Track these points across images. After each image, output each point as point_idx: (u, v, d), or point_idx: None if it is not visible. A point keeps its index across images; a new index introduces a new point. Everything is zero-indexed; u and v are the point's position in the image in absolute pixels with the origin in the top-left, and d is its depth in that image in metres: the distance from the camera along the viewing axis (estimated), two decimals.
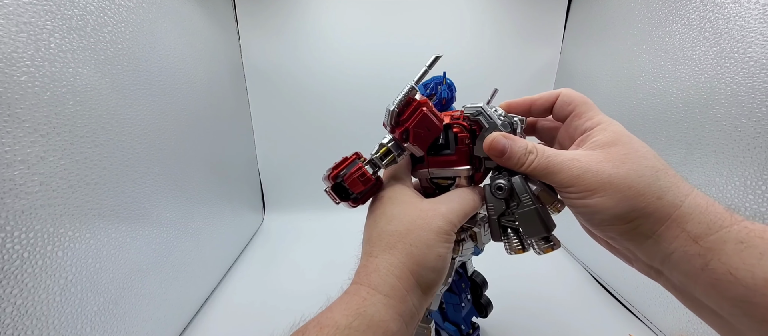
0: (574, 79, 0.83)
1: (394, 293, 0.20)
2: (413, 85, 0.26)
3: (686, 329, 0.47)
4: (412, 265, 0.21)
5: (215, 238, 0.66)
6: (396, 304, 0.20)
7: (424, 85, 0.36)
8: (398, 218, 0.24)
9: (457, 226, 0.24)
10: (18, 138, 0.29)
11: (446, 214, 0.23)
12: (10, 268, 0.27)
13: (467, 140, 0.28)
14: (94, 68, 0.38)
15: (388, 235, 0.23)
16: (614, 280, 0.63)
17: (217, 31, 0.75)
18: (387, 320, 0.19)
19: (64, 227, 0.33)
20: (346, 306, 0.19)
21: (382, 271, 0.21)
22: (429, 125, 0.26)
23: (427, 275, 0.22)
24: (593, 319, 0.56)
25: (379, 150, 0.28)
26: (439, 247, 0.22)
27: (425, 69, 0.27)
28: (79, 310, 0.34)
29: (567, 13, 0.87)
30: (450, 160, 0.28)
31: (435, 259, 0.22)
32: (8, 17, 0.29)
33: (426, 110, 0.26)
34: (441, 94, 0.35)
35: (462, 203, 0.25)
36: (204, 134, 0.64)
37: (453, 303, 0.45)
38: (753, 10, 0.40)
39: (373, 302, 0.19)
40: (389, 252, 0.22)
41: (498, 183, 0.25)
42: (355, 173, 0.27)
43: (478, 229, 0.31)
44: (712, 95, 0.44)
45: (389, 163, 0.28)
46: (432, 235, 0.22)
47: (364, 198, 0.28)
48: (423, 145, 0.27)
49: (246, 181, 0.90)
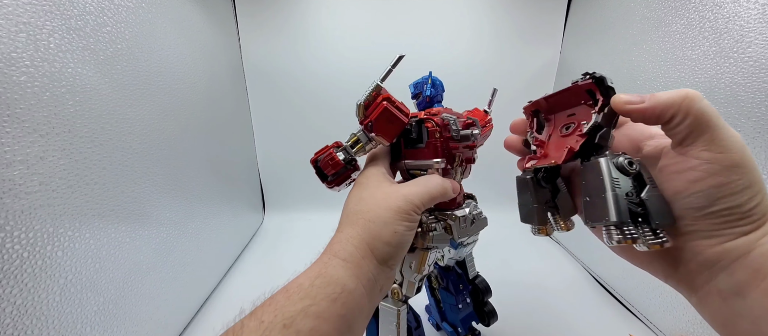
0: (573, 79, 0.83)
1: (351, 258, 0.23)
2: (378, 82, 0.30)
3: (686, 329, 0.47)
4: (368, 238, 0.24)
5: (215, 238, 0.66)
6: (352, 268, 0.23)
7: (414, 84, 0.39)
8: (365, 200, 0.27)
9: (419, 207, 0.26)
10: (17, 138, 0.29)
11: (407, 195, 0.26)
12: (9, 268, 0.27)
13: (438, 135, 0.30)
14: (94, 68, 0.38)
15: (353, 214, 0.26)
16: (614, 279, 0.63)
17: (217, 31, 0.75)
18: (344, 278, 0.22)
19: (63, 227, 0.33)
20: (310, 271, 0.23)
21: (343, 241, 0.25)
22: (390, 118, 0.29)
23: (382, 248, 0.24)
24: (593, 319, 0.56)
25: (350, 139, 0.33)
26: (396, 224, 0.25)
27: (389, 68, 0.30)
28: (78, 310, 0.34)
29: (567, 13, 0.87)
30: (421, 153, 0.31)
31: (390, 235, 0.25)
32: (8, 17, 0.29)
33: (386, 104, 0.29)
34: (425, 92, 0.38)
35: (426, 186, 0.27)
36: (204, 134, 0.64)
37: (450, 303, 0.44)
38: (752, 10, 0.40)
39: (333, 265, 0.23)
40: (351, 226, 0.25)
41: (626, 158, 0.22)
42: (326, 158, 0.32)
43: (453, 222, 0.33)
44: (711, 95, 0.44)
45: (358, 151, 0.32)
46: (390, 213, 0.25)
47: (338, 180, 0.33)
48: (387, 135, 0.30)
49: (246, 181, 0.90)
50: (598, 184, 0.22)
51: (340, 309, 0.21)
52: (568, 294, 0.63)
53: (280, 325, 0.19)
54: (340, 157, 0.32)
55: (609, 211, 0.21)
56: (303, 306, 0.20)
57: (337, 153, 0.32)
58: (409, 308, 0.39)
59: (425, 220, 0.32)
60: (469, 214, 0.35)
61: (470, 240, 0.40)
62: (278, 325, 0.19)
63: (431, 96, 0.38)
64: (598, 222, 0.22)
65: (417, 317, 0.42)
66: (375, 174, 0.29)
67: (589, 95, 0.25)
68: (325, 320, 0.20)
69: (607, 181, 0.22)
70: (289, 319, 0.19)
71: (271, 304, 0.21)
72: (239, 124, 0.87)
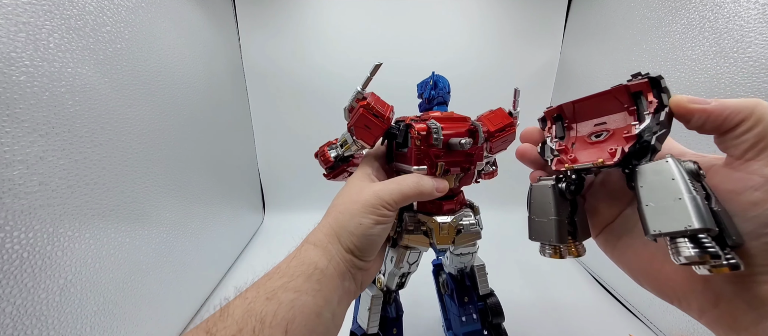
0: (573, 79, 0.83)
1: (320, 243, 0.26)
2: (358, 89, 0.31)
3: (686, 329, 0.47)
4: (336, 226, 0.27)
5: (215, 237, 0.66)
6: (321, 251, 0.26)
7: (418, 85, 0.39)
8: (341, 195, 0.29)
9: (390, 204, 0.28)
10: (17, 138, 0.29)
11: (378, 192, 0.28)
12: (9, 268, 0.27)
13: (418, 142, 0.30)
14: (94, 68, 0.38)
15: (331, 208, 0.29)
16: (614, 280, 0.63)
17: (217, 31, 0.74)
18: (315, 258, 0.25)
19: (63, 227, 0.33)
20: (289, 256, 0.26)
21: (316, 230, 0.28)
22: (367, 123, 0.31)
23: (347, 237, 0.27)
24: (593, 319, 0.56)
25: (341, 139, 0.35)
26: (361, 217, 0.27)
27: (368, 76, 0.31)
28: (78, 310, 0.34)
29: (567, 13, 0.87)
30: (405, 157, 0.32)
31: (355, 226, 0.27)
32: (7, 17, 0.29)
33: (363, 111, 0.31)
34: (425, 94, 0.38)
35: (399, 184, 0.28)
36: (204, 134, 0.64)
37: (454, 313, 0.42)
38: (752, 10, 0.40)
39: (307, 248, 0.26)
40: (325, 217, 0.29)
41: (695, 163, 0.20)
42: (320, 153, 0.36)
43: (432, 227, 0.33)
44: (711, 95, 0.44)
45: (347, 149, 0.34)
46: (357, 206, 0.27)
47: (334, 174, 0.37)
48: (366, 139, 0.32)
49: (246, 181, 0.90)
50: (670, 187, 0.19)
51: (315, 284, 0.23)
52: (568, 294, 0.64)
53: (263, 298, 0.21)
54: (332, 154, 0.36)
55: (691, 216, 0.17)
56: (282, 282, 0.23)
57: (329, 150, 0.36)
58: (394, 301, 0.40)
59: (407, 220, 0.33)
60: (452, 223, 0.33)
61: (464, 250, 0.39)
62: (261, 298, 0.21)
63: (431, 97, 0.37)
64: (673, 230, 0.18)
65: (399, 312, 0.41)
66: (359, 174, 0.32)
67: (632, 99, 0.23)
68: (304, 293, 0.23)
69: (682, 182, 0.18)
70: (271, 292, 0.22)
71: (253, 286, 0.23)
72: (239, 124, 0.87)
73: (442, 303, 0.47)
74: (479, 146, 0.32)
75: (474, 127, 0.32)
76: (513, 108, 0.37)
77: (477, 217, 0.35)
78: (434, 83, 0.37)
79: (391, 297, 0.39)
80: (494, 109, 0.37)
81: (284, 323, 0.21)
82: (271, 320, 0.20)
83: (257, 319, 0.20)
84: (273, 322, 0.20)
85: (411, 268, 0.36)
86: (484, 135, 0.32)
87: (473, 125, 0.32)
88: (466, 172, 0.33)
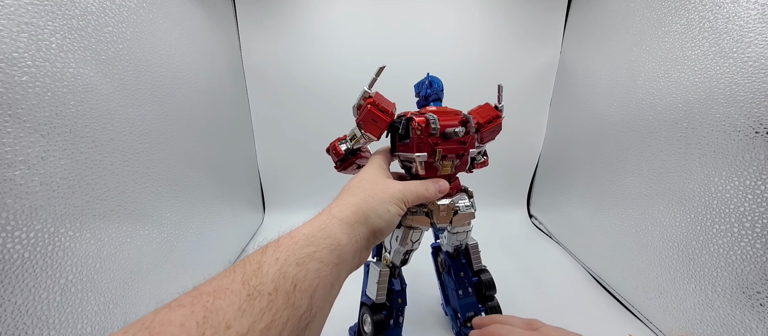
0: (573, 79, 0.83)
1: (348, 220, 0.28)
2: (365, 89, 0.36)
3: (686, 329, 0.47)
4: (365, 208, 0.29)
5: (216, 237, 0.66)
6: (347, 228, 0.27)
7: (415, 85, 0.44)
8: (366, 181, 0.33)
9: (408, 200, 0.32)
10: (19, 138, 0.29)
11: (402, 189, 0.32)
12: (10, 268, 0.27)
13: (419, 132, 0.35)
14: (95, 68, 0.38)
15: (355, 187, 0.32)
16: (614, 280, 0.63)
17: (217, 31, 0.75)
18: (339, 235, 0.27)
19: (64, 227, 0.33)
20: (312, 224, 0.27)
21: (343, 206, 0.29)
22: (374, 118, 0.36)
23: (375, 219, 0.29)
24: (593, 319, 0.56)
25: (350, 134, 0.40)
26: (389, 204, 0.31)
27: (374, 77, 0.36)
28: (79, 310, 0.34)
29: (567, 13, 0.87)
30: (408, 146, 0.36)
31: (384, 211, 0.30)
32: (9, 17, 0.29)
33: (370, 107, 0.36)
34: (421, 92, 0.42)
35: (415, 187, 0.34)
36: (204, 134, 0.64)
37: (451, 288, 0.48)
38: (752, 10, 0.40)
39: (332, 223, 0.27)
40: (352, 196, 0.30)
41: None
42: (332, 147, 0.41)
43: (433, 209, 0.38)
44: (711, 95, 0.44)
45: (356, 143, 0.39)
46: (387, 194, 0.31)
47: (344, 166, 0.42)
48: (374, 132, 0.37)
49: (246, 181, 0.90)
50: None
51: (335, 259, 0.25)
52: (568, 294, 0.64)
53: (293, 262, 0.23)
54: (343, 147, 0.40)
55: None
56: (310, 251, 0.24)
57: (340, 144, 0.41)
58: (399, 275, 0.45)
59: None
60: (451, 205, 0.38)
61: (460, 229, 0.43)
62: (292, 263, 0.23)
63: (427, 95, 0.41)
64: None
65: (403, 284, 0.45)
66: (376, 167, 0.35)
67: None
68: (326, 265, 0.24)
69: None
70: (301, 259, 0.23)
71: (280, 246, 0.24)
72: (239, 124, 0.87)
73: (441, 281, 0.52)
74: (471, 135, 0.37)
75: (466, 118, 0.37)
76: (498, 102, 0.43)
77: (471, 200, 0.41)
78: (430, 83, 0.41)
79: (396, 272, 0.44)
80: (482, 104, 0.43)
81: (310, 290, 0.22)
82: (300, 285, 0.22)
83: (291, 283, 0.22)
84: (301, 287, 0.22)
85: (414, 245, 0.41)
86: (474, 126, 0.37)
87: (465, 116, 0.37)
88: (461, 158, 0.38)
